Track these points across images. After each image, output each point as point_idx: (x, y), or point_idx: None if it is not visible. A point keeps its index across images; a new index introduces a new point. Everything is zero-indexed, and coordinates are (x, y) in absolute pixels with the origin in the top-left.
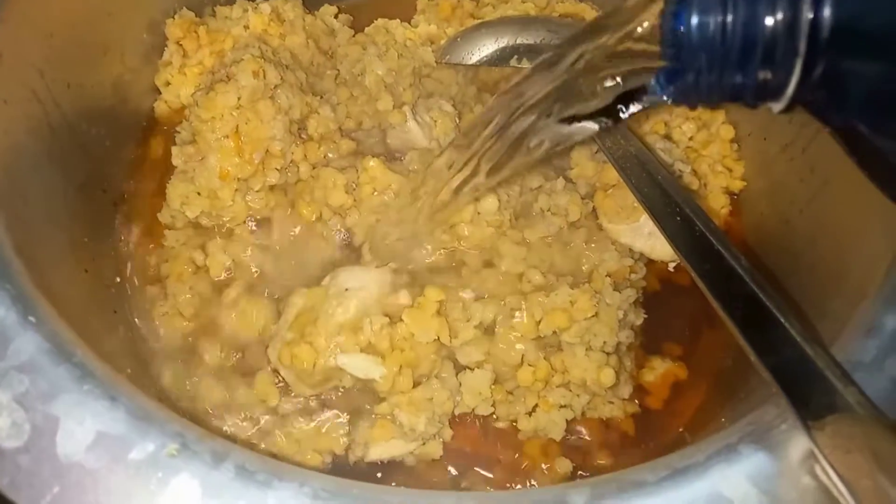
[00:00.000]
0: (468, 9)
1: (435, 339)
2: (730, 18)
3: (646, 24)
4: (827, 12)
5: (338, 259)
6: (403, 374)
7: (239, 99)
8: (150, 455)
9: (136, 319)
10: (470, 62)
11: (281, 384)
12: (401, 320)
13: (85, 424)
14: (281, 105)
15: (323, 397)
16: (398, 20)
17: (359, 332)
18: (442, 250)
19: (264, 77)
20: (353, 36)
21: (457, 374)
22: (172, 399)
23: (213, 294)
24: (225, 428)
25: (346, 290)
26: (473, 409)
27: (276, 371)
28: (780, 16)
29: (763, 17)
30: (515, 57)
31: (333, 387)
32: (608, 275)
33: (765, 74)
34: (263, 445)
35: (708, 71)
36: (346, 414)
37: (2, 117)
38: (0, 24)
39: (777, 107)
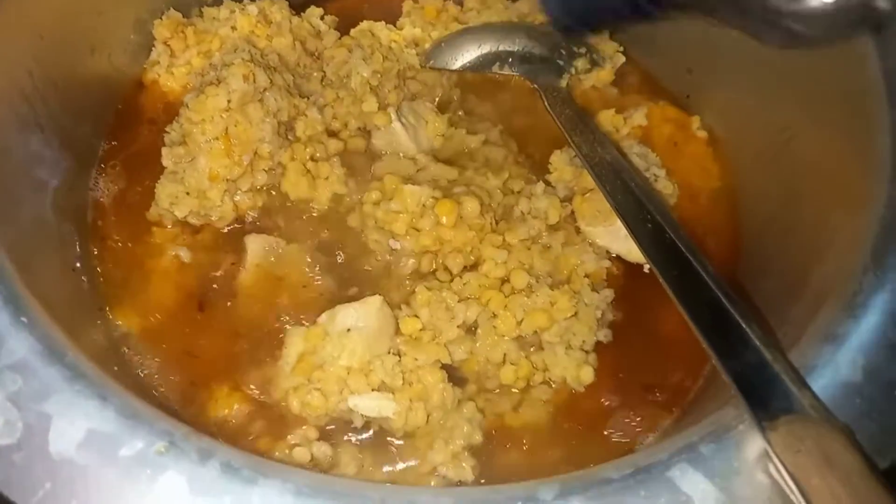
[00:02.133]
0: (452, 13)
1: (435, 362)
2: None
3: None
4: None
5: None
6: (415, 408)
7: (229, 102)
8: (139, 452)
9: (118, 314)
10: (454, 67)
11: None
12: (401, 353)
13: (76, 423)
14: (269, 108)
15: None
16: (383, 22)
17: (370, 373)
18: (426, 253)
19: (254, 81)
20: (340, 38)
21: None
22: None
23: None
24: None
25: (348, 330)
26: None
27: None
28: None
29: None
30: (498, 63)
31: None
32: (586, 276)
33: None
34: None
35: None
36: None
37: None
38: None
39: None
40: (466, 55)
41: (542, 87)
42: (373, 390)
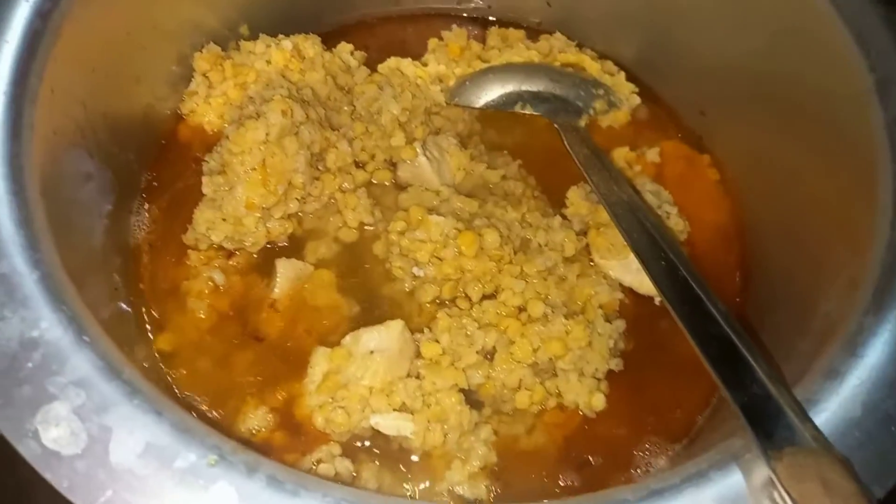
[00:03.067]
0: (475, 51)
1: (453, 386)
2: None
3: None
4: None
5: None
6: (433, 428)
7: (267, 135)
8: (193, 464)
9: (155, 333)
10: (477, 105)
11: None
12: (420, 377)
13: (135, 435)
14: (303, 140)
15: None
16: (409, 59)
17: (392, 394)
18: (447, 281)
19: (291, 115)
20: (370, 74)
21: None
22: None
23: (232, 313)
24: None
25: (371, 352)
26: None
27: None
28: None
29: None
30: (520, 103)
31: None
32: (600, 306)
33: None
34: None
35: None
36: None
37: (51, 148)
38: (52, 62)
39: None
40: (489, 94)
41: (561, 127)
42: (394, 410)
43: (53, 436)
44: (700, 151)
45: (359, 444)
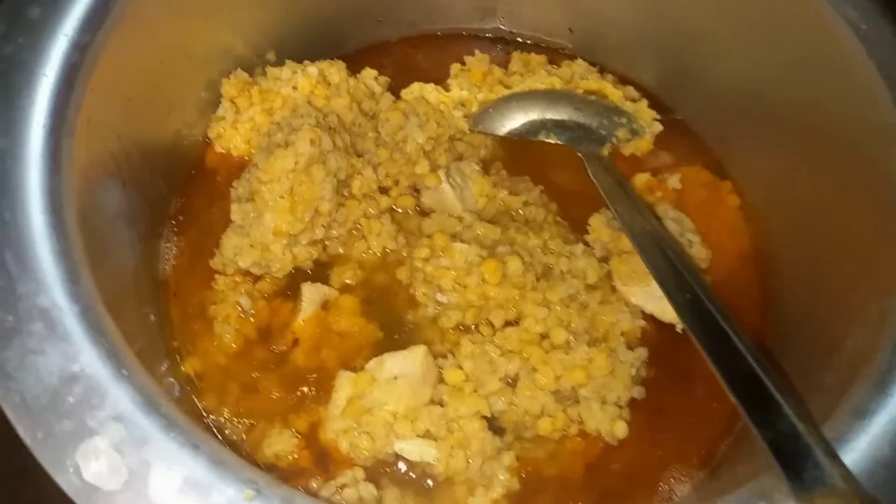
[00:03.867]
0: (497, 76)
1: (476, 413)
2: None
3: None
4: None
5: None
6: (456, 454)
7: (296, 164)
8: (230, 499)
9: (184, 357)
10: (500, 133)
11: None
12: (444, 403)
13: (174, 470)
14: (330, 168)
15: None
16: (433, 84)
17: (415, 420)
18: (470, 307)
19: (320, 144)
20: (395, 101)
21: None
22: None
23: (257, 336)
24: None
25: (395, 377)
26: None
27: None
28: None
29: None
30: (543, 131)
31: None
32: (622, 334)
33: None
34: None
35: None
36: None
37: (87, 179)
38: (90, 94)
39: None
40: (513, 122)
41: (585, 156)
42: (417, 436)
43: (94, 470)
44: (721, 178)
45: (383, 469)
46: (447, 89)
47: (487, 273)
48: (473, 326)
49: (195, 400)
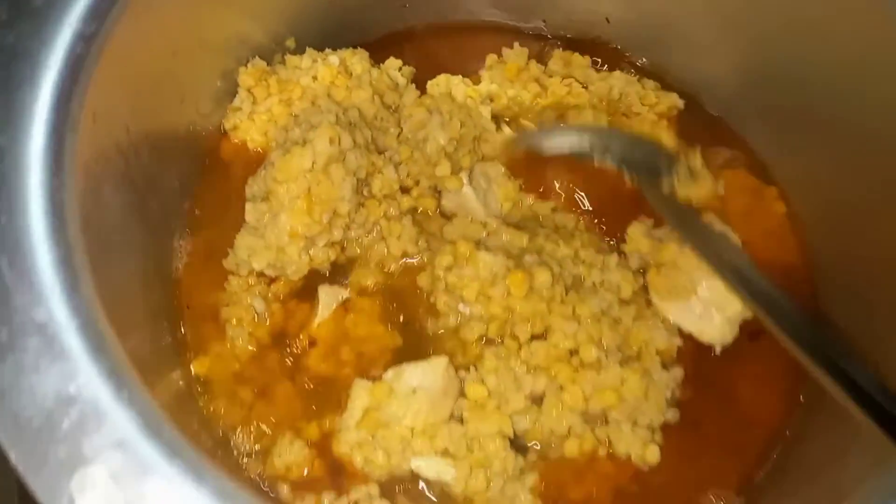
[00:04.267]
0: (534, 73)
1: (498, 431)
2: None
3: None
4: None
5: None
6: (475, 474)
7: (313, 163)
8: None
9: (195, 361)
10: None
11: None
12: (464, 420)
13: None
14: (350, 167)
15: None
16: (460, 76)
17: (435, 437)
18: (494, 320)
19: (339, 143)
20: (419, 97)
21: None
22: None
23: (271, 341)
24: None
25: (414, 390)
26: None
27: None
28: None
29: None
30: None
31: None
32: (657, 352)
33: None
34: None
35: None
36: None
37: (93, 177)
38: (96, 87)
39: None
40: (560, 149)
41: (642, 183)
42: (435, 454)
43: (89, 502)
44: (767, 183)
45: (398, 486)
46: (476, 82)
47: (514, 286)
48: (498, 339)
49: (203, 406)
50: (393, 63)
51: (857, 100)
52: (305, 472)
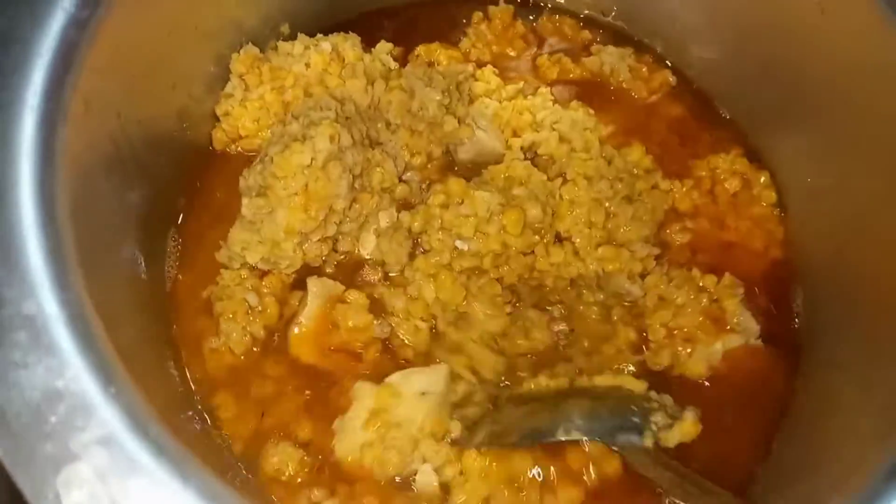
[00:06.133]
0: (519, 31)
1: None
2: None
3: None
4: None
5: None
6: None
7: (312, 160)
8: None
9: (187, 358)
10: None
11: None
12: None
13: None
14: (346, 164)
15: None
16: (437, 43)
17: (441, 440)
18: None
19: (339, 141)
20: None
21: None
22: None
23: (265, 335)
24: None
25: (423, 394)
26: None
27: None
28: None
29: None
30: (562, 428)
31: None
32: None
33: None
34: None
35: None
36: None
37: (83, 165)
38: (87, 73)
39: None
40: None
41: (623, 449)
42: (441, 453)
43: (75, 500)
44: (759, 167)
45: (396, 488)
46: (456, 44)
47: (510, 224)
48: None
49: (199, 405)
50: (384, 47)
51: (859, 102)
52: (297, 471)
